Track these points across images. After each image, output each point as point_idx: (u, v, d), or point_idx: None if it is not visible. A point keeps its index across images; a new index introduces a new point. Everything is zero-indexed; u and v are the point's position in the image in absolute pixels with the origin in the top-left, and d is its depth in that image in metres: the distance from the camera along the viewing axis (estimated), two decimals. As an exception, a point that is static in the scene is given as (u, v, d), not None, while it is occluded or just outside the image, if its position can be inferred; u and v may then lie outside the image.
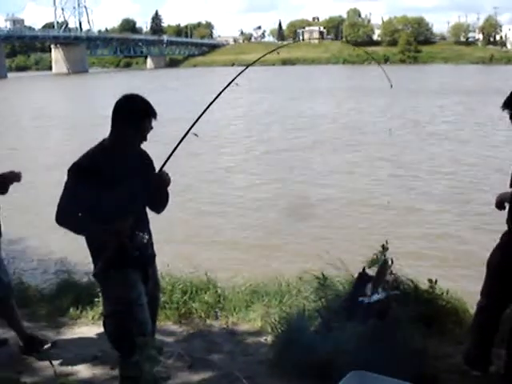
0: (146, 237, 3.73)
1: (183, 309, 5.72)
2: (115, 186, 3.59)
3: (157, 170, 3.83)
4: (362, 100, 32.16)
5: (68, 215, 3.70)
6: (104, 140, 3.77)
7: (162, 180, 3.80)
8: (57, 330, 5.61)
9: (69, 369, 4.69)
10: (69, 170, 3.69)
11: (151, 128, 3.70)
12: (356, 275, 5.13)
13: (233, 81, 4.07)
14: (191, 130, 3.74)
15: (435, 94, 33.19)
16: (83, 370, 4.68)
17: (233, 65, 74.44)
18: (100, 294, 4.24)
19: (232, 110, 28.84)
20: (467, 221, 11.05)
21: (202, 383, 4.37)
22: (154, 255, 4.02)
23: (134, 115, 3.63)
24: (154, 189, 3.80)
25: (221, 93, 3.96)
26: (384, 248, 5.19)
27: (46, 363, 4.72)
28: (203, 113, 3.87)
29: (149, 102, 3.69)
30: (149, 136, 3.77)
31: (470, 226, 10.73)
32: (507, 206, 4.15)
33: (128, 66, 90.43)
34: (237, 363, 4.78)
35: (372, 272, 5.17)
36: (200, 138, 3.82)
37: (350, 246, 8.84)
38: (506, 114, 4.08)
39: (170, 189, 3.93)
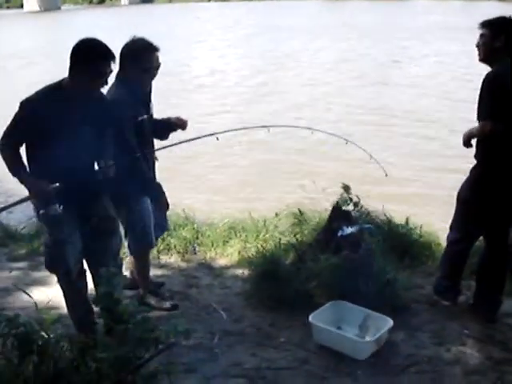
0: (59, 211, 3.66)
1: (161, 245, 5.80)
2: (62, 131, 3.54)
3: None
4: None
5: (5, 150, 3.70)
6: (63, 79, 3.69)
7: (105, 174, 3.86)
8: (37, 268, 5.68)
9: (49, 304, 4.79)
10: (20, 103, 3.63)
11: (111, 71, 3.64)
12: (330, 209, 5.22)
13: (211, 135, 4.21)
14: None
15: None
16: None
17: (209, 0, 72.73)
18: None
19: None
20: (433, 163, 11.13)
21: (182, 315, 4.48)
22: (97, 192, 3.97)
23: (92, 59, 3.53)
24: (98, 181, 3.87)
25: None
26: (345, 188, 5.31)
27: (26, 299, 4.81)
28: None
29: (107, 46, 3.59)
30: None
31: (437, 167, 10.85)
32: (474, 142, 4.23)
33: (102, 1, 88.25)
34: (214, 296, 4.91)
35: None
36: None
37: (327, 179, 8.89)
38: None
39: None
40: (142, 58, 4.14)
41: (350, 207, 5.39)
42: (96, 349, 2.65)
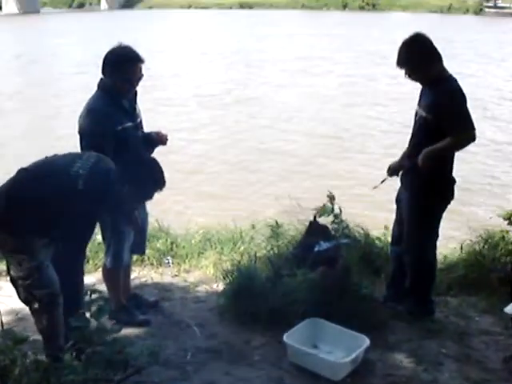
0: None
1: (135, 256, 5.67)
2: None
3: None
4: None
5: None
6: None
7: None
8: (6, 277, 5.55)
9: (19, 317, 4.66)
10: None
11: None
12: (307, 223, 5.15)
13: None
14: None
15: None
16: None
17: (189, 7, 72.62)
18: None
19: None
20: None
21: (153, 332, 4.38)
22: None
23: None
24: None
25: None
26: (331, 198, 5.24)
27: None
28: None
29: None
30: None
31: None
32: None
33: (81, 6, 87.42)
34: (188, 310, 4.79)
35: (323, 220, 5.23)
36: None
37: (304, 192, 8.82)
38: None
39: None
40: (124, 68, 4.05)
41: (331, 218, 5.33)
42: (62, 371, 2.53)
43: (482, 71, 22.82)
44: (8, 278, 3.95)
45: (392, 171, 4.58)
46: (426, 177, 4.21)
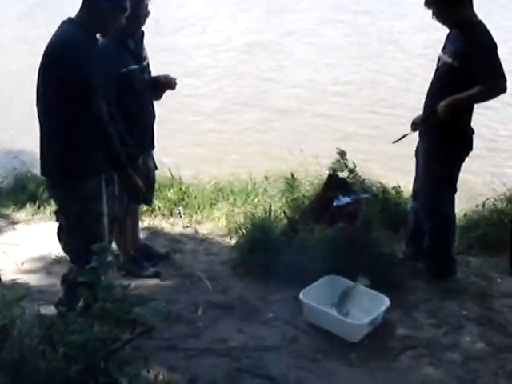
0: None
1: (144, 206, 5.50)
2: None
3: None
4: None
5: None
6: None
7: None
8: (13, 225, 5.42)
9: (25, 267, 4.55)
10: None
11: None
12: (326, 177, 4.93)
13: None
14: None
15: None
16: (41, 270, 4.51)
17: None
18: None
19: None
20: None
21: (164, 283, 4.24)
22: None
23: None
24: None
25: None
26: (341, 154, 5.01)
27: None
28: None
29: None
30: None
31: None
32: None
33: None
34: (199, 263, 4.65)
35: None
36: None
37: (323, 143, 8.52)
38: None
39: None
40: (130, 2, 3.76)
41: (345, 174, 5.10)
42: (66, 329, 2.36)
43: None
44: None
45: (416, 125, 4.31)
46: (442, 127, 3.97)
